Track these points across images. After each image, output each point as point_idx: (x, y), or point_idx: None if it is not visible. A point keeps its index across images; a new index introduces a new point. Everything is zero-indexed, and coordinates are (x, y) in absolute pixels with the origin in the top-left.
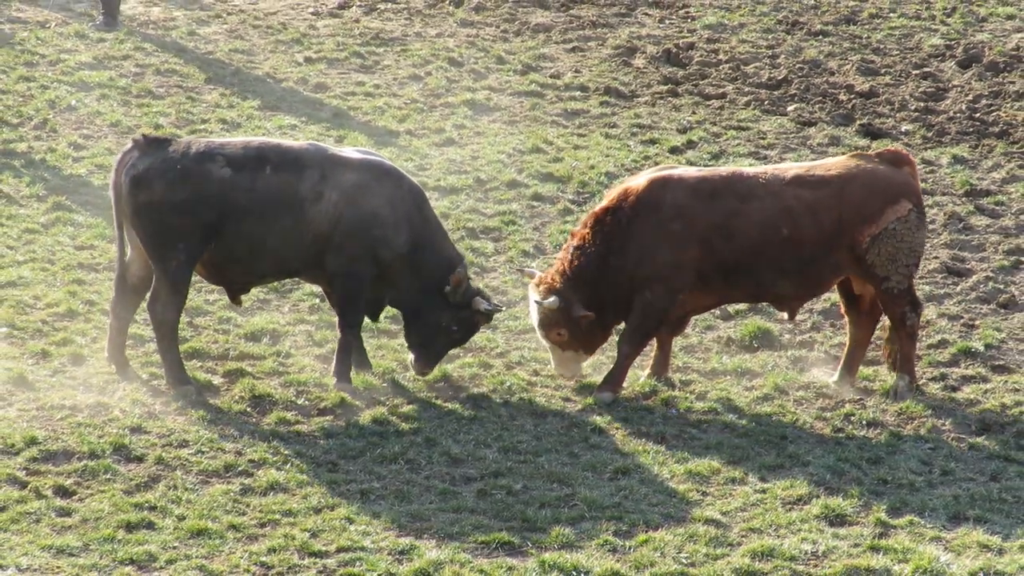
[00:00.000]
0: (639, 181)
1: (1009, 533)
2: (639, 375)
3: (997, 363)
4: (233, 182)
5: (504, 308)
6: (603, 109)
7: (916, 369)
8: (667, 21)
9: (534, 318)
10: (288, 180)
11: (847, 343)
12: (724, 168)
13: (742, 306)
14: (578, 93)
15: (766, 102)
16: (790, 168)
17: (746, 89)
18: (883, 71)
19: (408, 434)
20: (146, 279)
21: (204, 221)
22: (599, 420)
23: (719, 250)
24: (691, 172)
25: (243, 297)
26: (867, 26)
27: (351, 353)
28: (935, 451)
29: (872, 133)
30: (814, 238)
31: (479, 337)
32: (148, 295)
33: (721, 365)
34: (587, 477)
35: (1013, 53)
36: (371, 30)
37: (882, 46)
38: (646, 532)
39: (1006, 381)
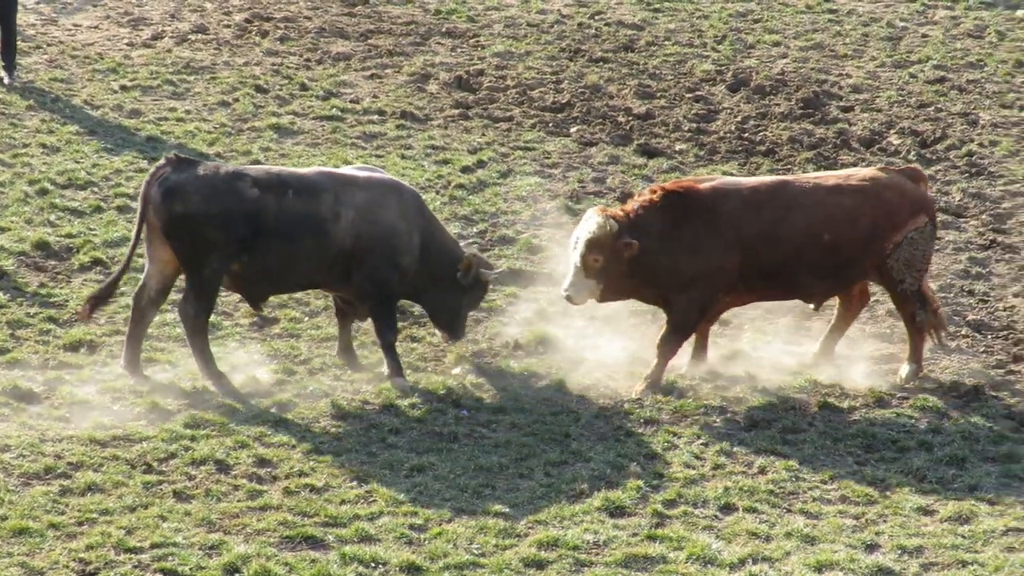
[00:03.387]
0: (706, 184)
1: (776, 522)
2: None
3: (765, 364)
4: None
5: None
6: (399, 132)
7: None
8: (458, 49)
9: (583, 236)
10: (309, 203)
11: (832, 322)
12: (770, 178)
13: (528, 314)
14: (376, 117)
15: (550, 124)
16: (829, 177)
17: (532, 112)
18: (659, 95)
19: (217, 436)
20: (163, 293)
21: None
22: (396, 422)
23: (763, 255)
24: (745, 182)
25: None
26: (644, 53)
27: (395, 351)
28: (707, 447)
29: (649, 152)
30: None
31: (283, 344)
32: (180, 298)
33: (509, 368)
34: (385, 475)
35: (778, 77)
36: (182, 59)
37: (658, 71)
38: (440, 525)
39: (768, 380)
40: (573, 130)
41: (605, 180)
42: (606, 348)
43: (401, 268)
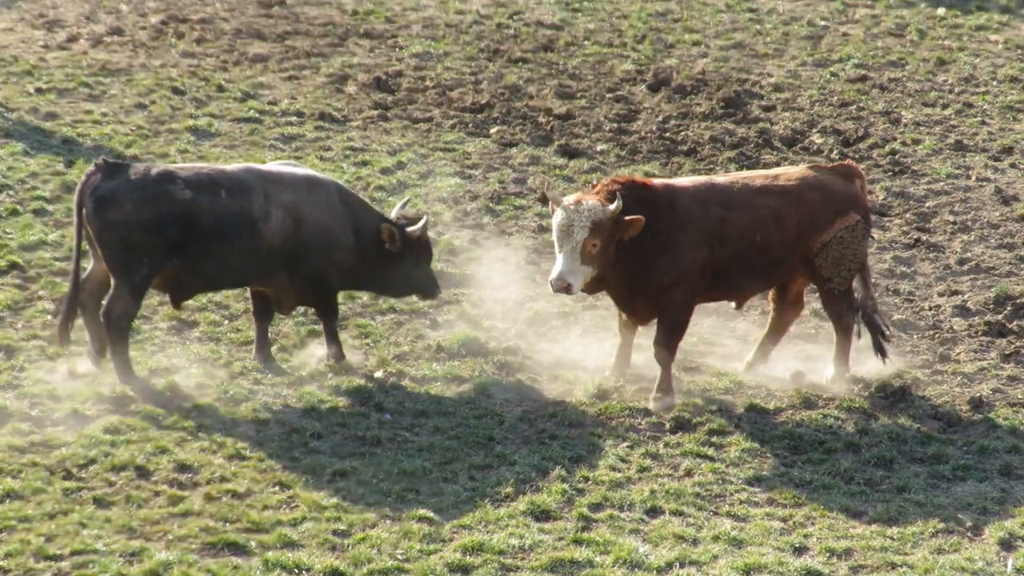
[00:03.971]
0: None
1: (702, 525)
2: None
3: (689, 366)
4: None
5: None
6: (318, 133)
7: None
8: (377, 50)
9: (583, 221)
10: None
11: (766, 329)
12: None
13: (451, 316)
14: (294, 119)
15: (470, 125)
16: (756, 177)
17: (451, 113)
18: (579, 95)
19: (138, 442)
20: (106, 286)
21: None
22: (318, 426)
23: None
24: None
25: None
26: (563, 53)
27: (338, 335)
28: (633, 449)
29: (570, 153)
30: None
31: (202, 348)
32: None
33: (432, 372)
34: (307, 479)
35: (699, 77)
36: (98, 61)
37: (578, 72)
38: (363, 531)
39: (693, 381)
40: (493, 131)
41: (526, 181)
42: (530, 351)
43: (337, 263)
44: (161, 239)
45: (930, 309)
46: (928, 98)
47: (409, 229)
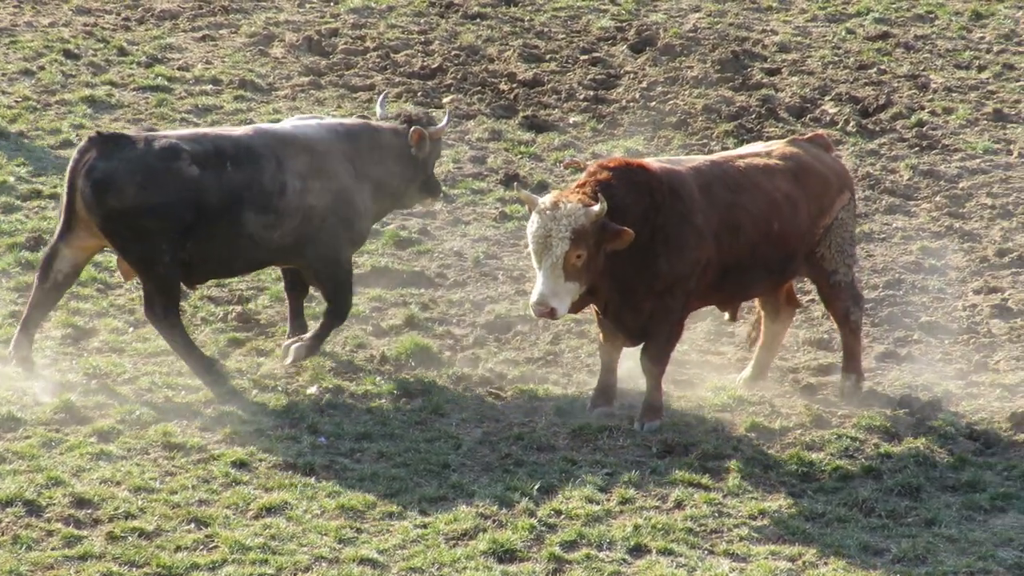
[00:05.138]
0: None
1: (696, 566)
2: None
3: (679, 379)
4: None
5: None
6: (238, 104)
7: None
8: (307, 5)
9: (563, 231)
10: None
11: (760, 339)
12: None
13: (397, 321)
14: (210, 87)
15: (419, 93)
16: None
17: (397, 79)
18: (548, 57)
19: (27, 472)
20: (71, 276)
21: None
22: (240, 452)
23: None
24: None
25: None
26: (529, 7)
27: (327, 336)
28: (613, 477)
29: (537, 126)
30: None
31: (103, 361)
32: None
33: (376, 387)
34: (228, 516)
35: (690, 35)
36: None
37: (546, 29)
38: (295, 575)
39: (684, 397)
40: (446, 100)
41: (485, 160)
42: (491, 361)
43: (355, 236)
44: (173, 223)
45: (964, 309)
46: (962, 59)
47: (433, 129)
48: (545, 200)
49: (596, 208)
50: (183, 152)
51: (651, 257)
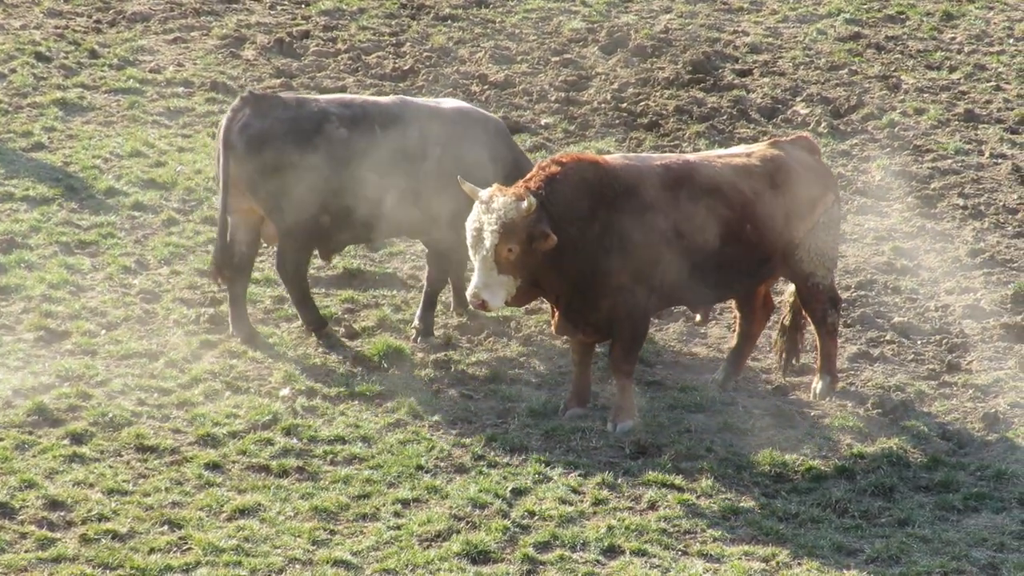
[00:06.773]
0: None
1: (670, 567)
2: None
3: (651, 379)
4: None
5: None
6: (210, 107)
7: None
8: (279, 7)
9: (492, 224)
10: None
11: (734, 339)
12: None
13: (370, 323)
14: (181, 89)
15: (391, 95)
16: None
17: (368, 81)
18: (519, 59)
19: None
20: (254, 246)
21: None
22: (213, 454)
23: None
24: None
25: None
26: (500, 9)
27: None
28: (587, 478)
29: (509, 128)
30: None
31: (76, 363)
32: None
33: (348, 389)
34: (202, 518)
35: (662, 36)
36: None
37: (518, 31)
38: None
39: (659, 398)
40: None
41: None
42: (463, 362)
43: None
44: (319, 183)
45: (936, 310)
46: (933, 59)
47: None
48: (484, 193)
49: (523, 204)
50: (332, 115)
51: (601, 253)
